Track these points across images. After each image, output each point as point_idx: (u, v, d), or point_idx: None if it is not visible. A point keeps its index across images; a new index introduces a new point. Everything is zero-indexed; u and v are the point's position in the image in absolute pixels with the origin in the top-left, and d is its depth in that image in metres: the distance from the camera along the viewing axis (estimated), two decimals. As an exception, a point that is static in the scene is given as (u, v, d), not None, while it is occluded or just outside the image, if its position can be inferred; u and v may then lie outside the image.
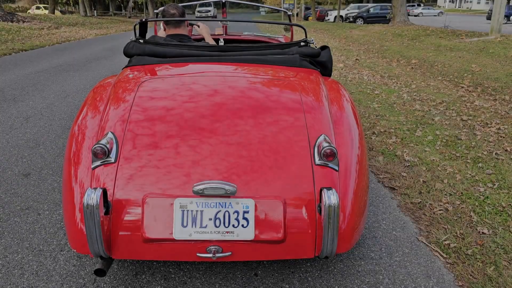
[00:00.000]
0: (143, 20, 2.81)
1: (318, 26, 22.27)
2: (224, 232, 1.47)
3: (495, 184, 2.74)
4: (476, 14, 49.86)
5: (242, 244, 1.49)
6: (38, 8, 40.62)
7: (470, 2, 66.99)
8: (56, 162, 3.15)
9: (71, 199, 1.58)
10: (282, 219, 1.49)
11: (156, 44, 2.48)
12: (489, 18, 33.87)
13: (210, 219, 1.47)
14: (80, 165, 1.64)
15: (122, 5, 50.90)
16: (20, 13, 23.16)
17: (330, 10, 37.49)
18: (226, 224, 1.48)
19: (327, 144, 1.56)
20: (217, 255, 1.48)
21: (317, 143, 1.63)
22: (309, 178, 1.56)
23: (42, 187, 2.74)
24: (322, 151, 1.56)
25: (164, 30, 2.80)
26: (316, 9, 37.33)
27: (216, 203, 1.49)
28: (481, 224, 2.28)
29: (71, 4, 55.23)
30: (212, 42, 3.15)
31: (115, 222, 1.50)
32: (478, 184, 2.74)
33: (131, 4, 42.86)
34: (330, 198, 1.43)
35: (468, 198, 2.56)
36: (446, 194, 2.62)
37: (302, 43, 2.73)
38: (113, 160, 1.56)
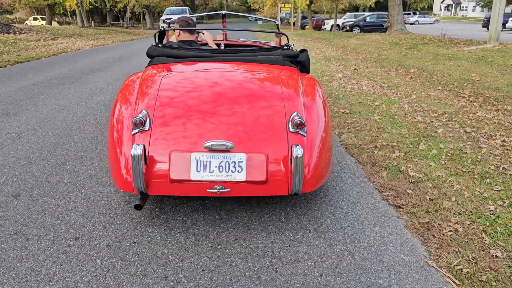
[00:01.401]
0: (162, 29, 3.75)
1: (315, 35, 22.29)
2: (225, 175, 2.15)
3: (505, 202, 2.63)
4: (471, 22, 50.20)
5: (238, 184, 2.18)
6: (35, 19, 40.67)
7: (465, 10, 67.51)
8: (48, 181, 3.03)
9: (116, 155, 2.33)
10: (265, 167, 2.18)
11: (171, 48, 3.22)
12: (484, 25, 34.06)
13: (216, 167, 2.16)
14: (123, 132, 2.38)
15: (119, 15, 51.03)
16: (17, 25, 23.13)
17: (327, 19, 37.64)
18: (227, 170, 2.16)
19: (298, 118, 2.29)
20: (221, 191, 2.17)
21: (291, 117, 2.33)
22: (284, 140, 2.26)
23: (32, 209, 2.62)
24: (294, 122, 2.28)
25: (178, 35, 3.58)
26: (312, 18, 37.49)
27: (220, 155, 2.17)
28: (494, 246, 2.16)
29: (69, 15, 55.35)
30: (214, 46, 3.83)
31: (151, 168, 2.19)
32: (488, 202, 2.64)
33: (128, 14, 42.97)
34: (297, 151, 2.14)
35: (478, 218, 2.45)
36: (454, 213, 2.51)
37: (285, 47, 3.43)
38: (147, 128, 2.28)
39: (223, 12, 4.50)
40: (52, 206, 2.67)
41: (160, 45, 3.32)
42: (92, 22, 43.94)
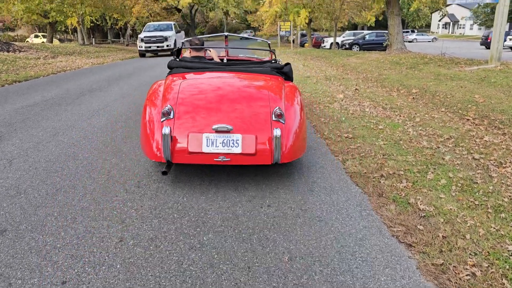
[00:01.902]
0: (179, 47, 5.10)
1: (315, 53, 22.35)
2: (227, 149, 3.04)
3: (523, 240, 2.46)
4: (469, 40, 50.60)
5: (235, 155, 3.06)
6: (36, 36, 40.99)
7: (463, 28, 68.18)
8: (37, 215, 2.86)
9: (149, 136, 3.27)
10: (255, 144, 3.07)
11: (186, 61, 4.33)
12: (483, 44, 34.32)
13: (220, 143, 3.06)
14: (153, 120, 3.30)
15: (120, 32, 51.42)
16: (17, 43, 23.20)
17: (326, 37, 37.91)
18: (228, 145, 3.06)
19: (278, 110, 3.21)
20: (223, 159, 3.07)
21: (274, 110, 3.24)
22: (268, 126, 3.17)
23: (18, 247, 2.45)
24: (276, 113, 3.20)
25: (190, 53, 4.76)
26: (312, 36, 37.75)
27: (223, 135, 3.07)
28: (517, 294, 1.99)
29: (70, 32, 55.78)
30: (218, 60, 4.93)
31: (174, 144, 3.09)
32: (505, 241, 2.47)
33: (129, 32, 43.29)
34: (277, 133, 3.04)
35: (496, 259, 2.28)
36: (470, 254, 2.34)
37: (272, 61, 4.70)
38: (171, 117, 3.20)
39: (225, 34, 5.70)
40: (39, 243, 2.50)
41: (178, 59, 4.50)
42: (93, 39, 44.25)
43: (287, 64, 4.49)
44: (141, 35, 21.31)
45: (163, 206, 3.03)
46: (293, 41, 34.79)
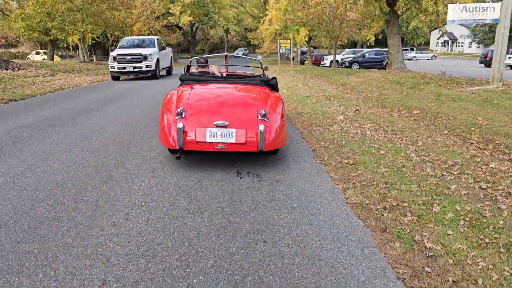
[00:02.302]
0: (189, 64, 6.13)
1: (315, 71, 22.35)
2: (224, 139, 4.02)
3: (541, 287, 2.26)
4: (468, 58, 50.90)
5: (230, 144, 4.03)
6: (38, 53, 41.21)
7: (462, 46, 68.73)
8: (16, 252, 2.67)
9: (164, 130, 4.29)
10: (245, 136, 4.03)
11: (194, 75, 5.49)
12: (482, 62, 34.43)
13: (219, 135, 4.03)
14: (169, 118, 4.27)
15: (121, 49, 51.82)
16: (16, 60, 23.25)
17: (326, 54, 38.09)
18: (225, 137, 4.03)
19: (263, 112, 4.16)
20: (222, 147, 4.06)
21: (260, 112, 4.19)
22: (255, 123, 4.10)
23: (-10, 292, 2.25)
24: (261, 114, 4.14)
25: (196, 69, 5.97)
26: (312, 53, 37.96)
27: (221, 130, 4.04)
28: None
29: (71, 49, 56.17)
30: (219, 75, 5.98)
31: (185, 136, 4.06)
32: (521, 287, 2.27)
33: (130, 49, 43.51)
34: (261, 128, 4.01)
35: (513, 310, 2.07)
36: (484, 303, 2.13)
37: (262, 76, 5.92)
38: (183, 116, 4.15)
39: (225, 54, 6.97)
40: (19, 283, 2.30)
41: (187, 74, 5.73)
42: (95, 56, 44.50)
43: (274, 78, 5.63)
44: (114, 53, 16.53)
45: (151, 242, 2.83)
46: (293, 58, 34.95)
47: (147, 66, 16.16)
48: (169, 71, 19.67)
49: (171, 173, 4.36)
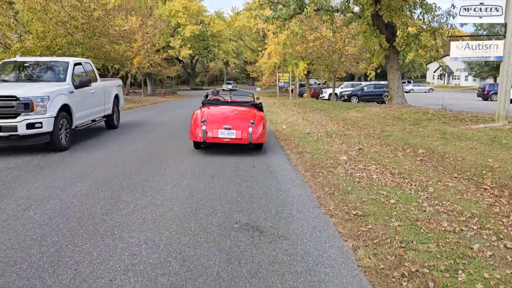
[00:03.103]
0: (207, 94, 10.28)
1: (314, 105, 22.24)
2: (228, 136, 7.44)
3: None
4: (465, 91, 51.31)
5: (232, 138, 7.45)
6: (37, 85, 41.33)
7: (458, 78, 69.48)
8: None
9: (195, 131, 7.62)
10: (241, 134, 7.45)
11: (210, 100, 9.38)
12: (479, 95, 34.64)
13: (226, 134, 7.44)
14: (197, 123, 7.65)
15: (122, 81, 52.23)
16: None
17: (325, 87, 38.27)
18: (229, 135, 7.43)
19: (252, 120, 7.67)
20: (227, 140, 7.48)
21: (250, 121, 7.63)
22: (247, 127, 7.50)
23: None
24: (250, 122, 7.61)
25: (212, 96, 10.08)
26: (310, 86, 38.12)
27: (227, 130, 7.43)
28: None
29: (72, 80, 56.46)
30: (226, 100, 9.83)
31: (206, 134, 7.42)
32: None
33: (129, 81, 43.79)
34: (250, 130, 7.49)
35: None
36: None
37: (252, 102, 9.51)
38: (205, 123, 7.54)
39: (229, 89, 10.70)
40: None
41: (206, 99, 9.38)
42: (94, 88, 44.60)
43: (260, 103, 9.34)
44: None
45: (135, 323, 2.42)
46: (292, 90, 35.07)
47: (31, 126, 7.22)
48: (111, 121, 11.33)
49: (163, 225, 3.97)
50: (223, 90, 11.50)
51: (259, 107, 8.86)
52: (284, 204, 4.72)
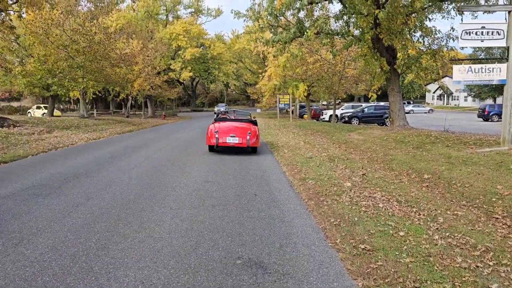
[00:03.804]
0: (216, 113, 16.04)
1: (315, 127, 22.15)
2: (233, 141, 11.43)
3: None
4: (465, 111, 51.39)
5: (235, 143, 11.44)
6: (38, 107, 41.43)
7: (457, 99, 69.73)
8: None
9: (210, 139, 11.63)
10: (242, 140, 11.42)
11: (220, 117, 13.55)
12: (480, 116, 34.61)
13: (232, 140, 11.44)
14: (212, 134, 11.57)
15: (122, 103, 52.34)
16: (14, 117, 23.12)
17: (325, 109, 38.31)
18: (234, 141, 11.41)
19: (249, 132, 11.66)
20: (232, 145, 11.51)
21: (248, 132, 11.65)
22: (246, 135, 11.47)
23: None
24: (248, 132, 11.61)
25: (221, 114, 15.05)
26: (311, 107, 38.18)
27: (233, 138, 11.44)
28: None
29: (73, 102, 56.79)
30: (231, 117, 14.12)
31: (218, 140, 11.37)
32: None
33: (129, 103, 43.90)
34: (248, 137, 11.44)
35: None
36: None
37: (251, 119, 13.66)
38: (217, 132, 11.52)
39: (233, 109, 15.67)
40: None
41: (217, 116, 13.87)
42: (95, 110, 44.79)
43: (255, 119, 13.44)
44: None
45: None
46: (292, 112, 35.09)
47: None
48: None
49: (161, 262, 3.76)
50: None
51: (254, 122, 12.89)
52: (288, 236, 4.51)
